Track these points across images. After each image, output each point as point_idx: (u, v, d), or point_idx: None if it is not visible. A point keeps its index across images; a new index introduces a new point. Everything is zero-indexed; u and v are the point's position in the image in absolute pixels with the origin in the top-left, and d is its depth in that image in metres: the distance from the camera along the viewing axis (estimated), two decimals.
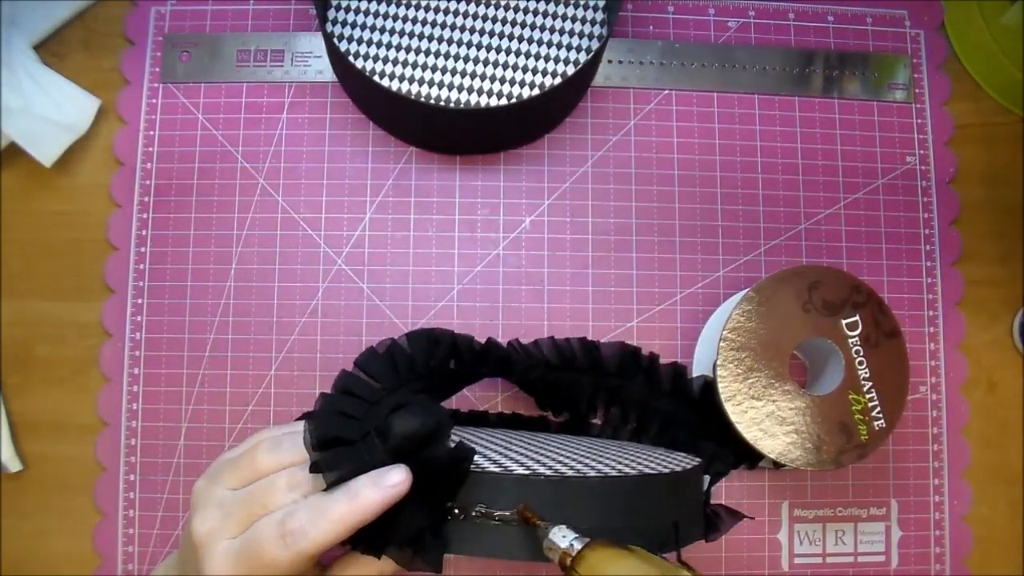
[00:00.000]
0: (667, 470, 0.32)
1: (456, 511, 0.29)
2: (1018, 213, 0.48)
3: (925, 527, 0.45)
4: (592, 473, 0.30)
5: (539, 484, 0.29)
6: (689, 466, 0.33)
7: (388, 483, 0.28)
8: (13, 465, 0.43)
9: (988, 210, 0.48)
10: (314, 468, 0.29)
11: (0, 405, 0.43)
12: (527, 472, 0.29)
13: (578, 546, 0.27)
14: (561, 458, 0.32)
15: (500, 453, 0.33)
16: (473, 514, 0.29)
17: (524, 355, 0.42)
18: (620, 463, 0.32)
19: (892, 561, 0.44)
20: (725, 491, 0.44)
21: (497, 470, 0.30)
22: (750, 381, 0.39)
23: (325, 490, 0.29)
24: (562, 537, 0.28)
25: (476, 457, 0.31)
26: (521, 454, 0.33)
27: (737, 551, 0.44)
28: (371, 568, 0.30)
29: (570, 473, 0.29)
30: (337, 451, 0.30)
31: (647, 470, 0.31)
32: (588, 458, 0.33)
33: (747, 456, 0.43)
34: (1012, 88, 0.48)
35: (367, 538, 0.29)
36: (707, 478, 0.35)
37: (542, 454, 0.33)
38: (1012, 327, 0.47)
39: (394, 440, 0.29)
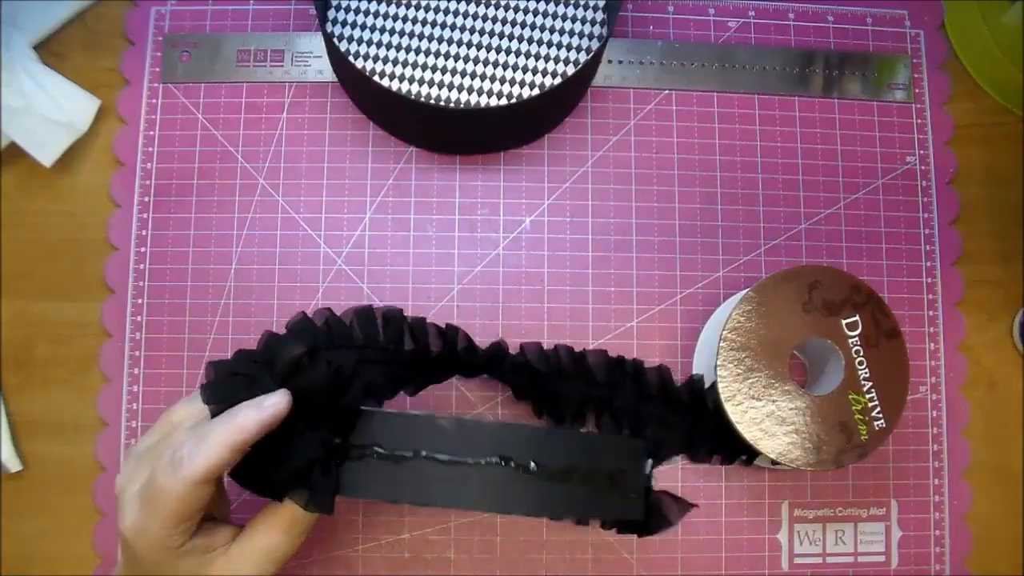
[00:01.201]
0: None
1: (351, 452, 0.30)
2: (1018, 213, 0.48)
3: (925, 527, 0.45)
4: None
5: (432, 422, 0.29)
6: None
7: (266, 404, 0.29)
8: (13, 465, 0.43)
9: (988, 210, 0.48)
10: (204, 398, 0.30)
11: (0, 405, 0.43)
12: (420, 412, 0.30)
13: None
14: None
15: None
16: (369, 455, 0.29)
17: (497, 354, 0.41)
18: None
19: (892, 561, 0.44)
20: (725, 491, 0.44)
21: (393, 411, 0.30)
22: (750, 381, 0.39)
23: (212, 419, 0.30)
24: None
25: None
26: None
27: (737, 551, 0.44)
28: (282, 518, 0.31)
29: (469, 417, 0.30)
30: (226, 380, 0.31)
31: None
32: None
33: (744, 451, 0.43)
34: (1012, 88, 0.48)
35: (256, 472, 0.30)
36: (650, 461, 0.35)
37: None
38: (1012, 327, 0.47)
39: (279, 366, 0.30)
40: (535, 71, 0.46)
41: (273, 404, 0.29)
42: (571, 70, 0.46)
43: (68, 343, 0.44)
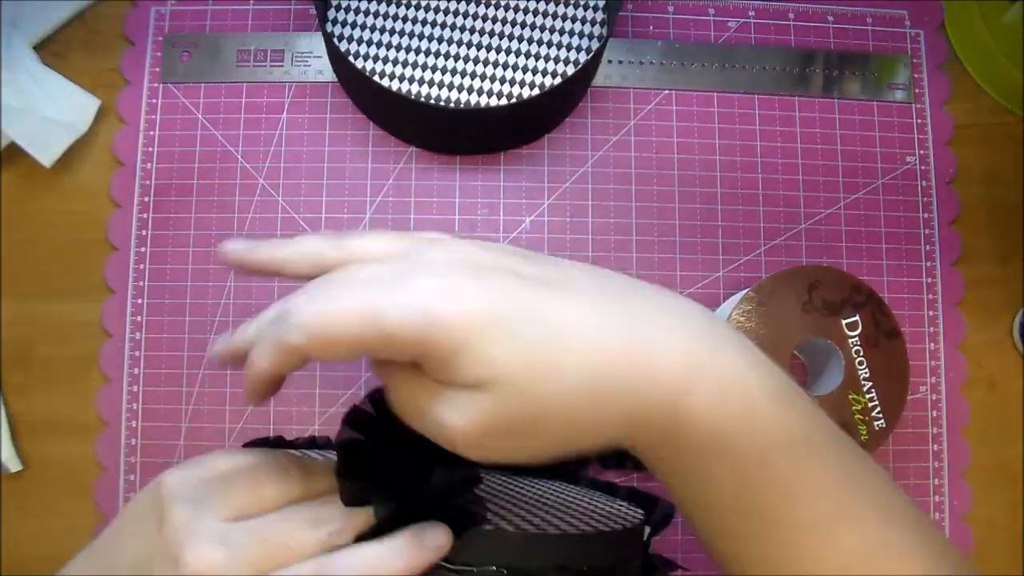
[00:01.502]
0: (614, 524, 0.31)
1: None
2: (1018, 213, 0.48)
3: None
4: (552, 530, 0.29)
5: (496, 538, 0.27)
6: (637, 520, 0.33)
7: (432, 544, 0.26)
8: (13, 465, 0.43)
9: (988, 210, 0.48)
10: (349, 500, 0.27)
11: (0, 405, 0.43)
12: (492, 527, 0.28)
13: None
14: (523, 510, 0.31)
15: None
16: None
17: None
18: (572, 515, 0.32)
19: None
20: None
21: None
22: None
23: (368, 534, 0.26)
24: None
25: None
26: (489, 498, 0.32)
27: None
28: None
29: (532, 529, 0.28)
30: (375, 487, 0.27)
31: (596, 523, 0.31)
32: (549, 509, 0.32)
33: None
34: (1012, 88, 0.48)
35: None
36: (647, 529, 0.35)
37: (507, 500, 0.32)
38: (1012, 327, 0.47)
39: (435, 484, 0.27)
40: (535, 71, 0.46)
41: (439, 547, 0.26)
42: (571, 70, 0.46)
43: (68, 343, 0.44)
